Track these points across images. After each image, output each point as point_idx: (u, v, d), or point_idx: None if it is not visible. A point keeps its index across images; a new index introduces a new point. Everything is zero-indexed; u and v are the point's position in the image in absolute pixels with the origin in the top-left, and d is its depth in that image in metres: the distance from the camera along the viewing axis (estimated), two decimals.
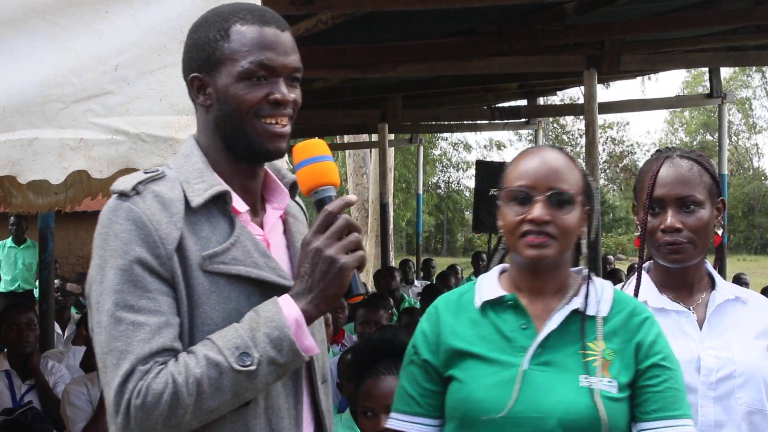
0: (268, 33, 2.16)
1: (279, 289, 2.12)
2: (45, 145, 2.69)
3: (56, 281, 8.38)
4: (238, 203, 2.18)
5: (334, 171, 2.19)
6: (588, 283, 2.38)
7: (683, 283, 2.74)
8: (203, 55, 2.17)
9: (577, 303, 2.36)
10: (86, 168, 2.74)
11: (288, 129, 2.19)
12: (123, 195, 2.07)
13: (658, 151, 2.86)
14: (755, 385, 2.63)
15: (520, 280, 2.41)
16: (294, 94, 2.19)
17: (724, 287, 2.78)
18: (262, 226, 2.27)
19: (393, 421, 2.46)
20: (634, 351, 2.34)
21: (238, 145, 2.18)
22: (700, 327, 2.67)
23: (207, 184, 2.13)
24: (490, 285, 2.45)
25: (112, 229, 2.04)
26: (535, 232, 2.31)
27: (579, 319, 2.34)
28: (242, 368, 1.97)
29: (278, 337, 2.01)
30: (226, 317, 2.06)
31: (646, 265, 2.84)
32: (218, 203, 2.14)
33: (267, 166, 2.32)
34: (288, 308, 2.05)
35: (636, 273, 2.80)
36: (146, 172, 2.13)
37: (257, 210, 2.27)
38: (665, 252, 2.70)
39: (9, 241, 12.69)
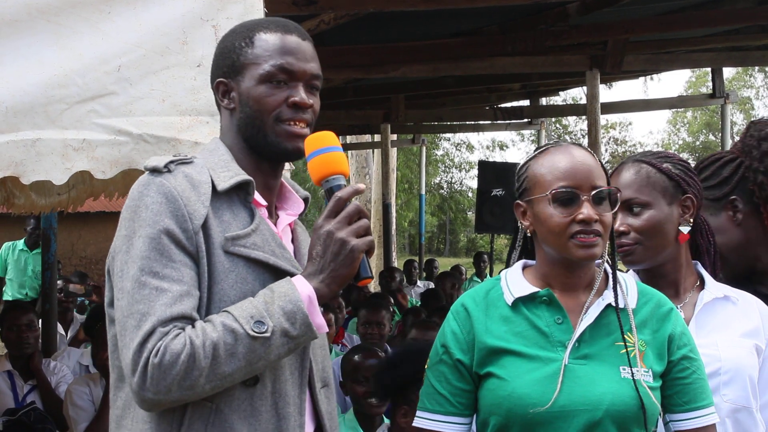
0: (289, 40, 2.30)
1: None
2: (48, 146, 2.69)
3: (59, 282, 8.37)
4: (259, 198, 2.30)
5: (343, 161, 2.27)
6: (615, 276, 2.42)
7: (666, 283, 2.78)
8: (228, 62, 2.30)
9: (609, 297, 2.41)
10: (89, 168, 2.74)
11: (307, 131, 2.30)
12: (155, 171, 2.17)
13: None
14: (741, 383, 2.67)
15: (553, 276, 2.44)
16: (312, 100, 2.31)
17: (714, 287, 2.81)
18: (275, 226, 2.36)
19: (424, 420, 2.48)
20: (667, 341, 2.42)
21: (260, 145, 2.30)
22: (687, 325, 2.69)
23: (232, 172, 2.25)
24: (518, 281, 2.48)
25: (143, 201, 2.13)
26: (585, 232, 2.34)
27: (610, 311, 2.40)
28: (257, 334, 2.05)
29: (292, 310, 2.10)
30: (241, 296, 2.15)
31: None
32: (240, 193, 2.25)
33: (285, 180, 2.43)
34: (301, 286, 2.14)
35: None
36: (176, 156, 2.24)
37: (272, 212, 2.38)
38: (620, 255, 2.75)
39: (21, 244, 11.57)
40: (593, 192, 2.35)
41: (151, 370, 1.99)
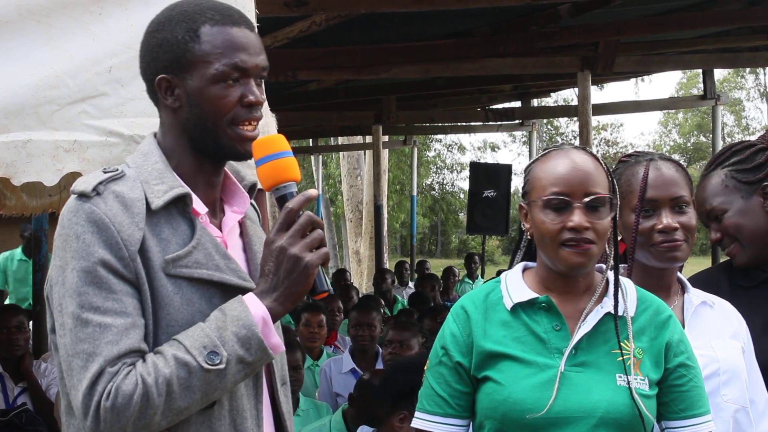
0: (239, 34, 2.15)
1: (240, 292, 2.12)
2: (39, 147, 2.68)
3: None
4: (198, 205, 2.17)
5: (294, 167, 2.18)
6: (617, 284, 2.40)
7: (662, 286, 2.77)
8: (171, 56, 2.14)
9: (608, 304, 2.39)
10: (80, 170, 2.73)
11: (257, 132, 2.19)
12: (83, 196, 2.04)
13: (632, 155, 2.89)
14: (738, 383, 2.68)
15: (551, 281, 2.43)
16: (262, 95, 2.19)
17: (695, 291, 2.82)
18: (220, 228, 2.26)
19: (422, 422, 2.47)
20: (664, 349, 2.41)
21: (207, 147, 2.18)
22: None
23: (167, 185, 2.12)
24: (517, 285, 2.46)
25: (73, 230, 2.01)
26: (576, 239, 2.32)
27: (608, 318, 2.38)
28: (211, 367, 1.97)
29: (246, 335, 2.01)
30: (189, 319, 2.06)
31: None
32: (178, 205, 2.13)
33: (227, 167, 2.31)
34: (254, 307, 2.05)
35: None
36: (105, 171, 2.11)
37: (216, 211, 2.26)
38: (662, 251, 2.72)
39: (19, 253, 10.48)
40: (586, 199, 2.33)
41: (103, 413, 1.91)
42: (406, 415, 3.60)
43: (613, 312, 2.38)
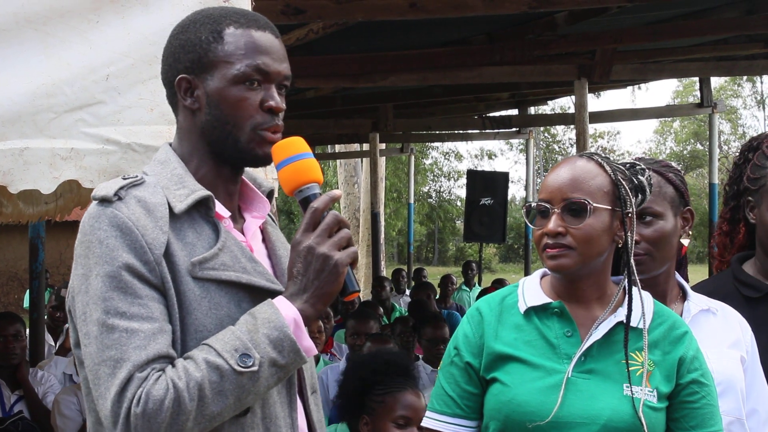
0: (263, 38, 2.12)
1: (269, 294, 2.07)
2: (36, 155, 2.68)
3: (53, 298, 8.31)
4: (221, 209, 2.13)
5: (316, 168, 2.13)
6: (631, 294, 2.38)
7: (654, 294, 2.71)
8: (193, 57, 2.11)
9: (622, 314, 2.38)
10: (77, 178, 2.73)
11: (278, 137, 2.14)
12: (105, 201, 2.00)
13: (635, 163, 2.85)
14: (734, 395, 2.66)
15: (559, 287, 2.44)
16: (283, 103, 2.15)
17: (696, 298, 2.80)
18: (242, 233, 2.22)
19: (431, 421, 2.48)
20: (677, 364, 2.39)
21: (226, 150, 2.13)
22: None
23: (188, 189, 2.07)
24: (533, 290, 2.48)
25: (96, 236, 1.96)
26: (551, 244, 2.34)
27: (622, 328, 2.37)
28: (244, 369, 1.90)
29: (278, 337, 1.94)
30: (218, 324, 2.00)
31: None
32: (201, 209, 2.08)
33: (244, 175, 2.27)
34: (285, 309, 1.99)
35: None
36: (125, 178, 2.07)
37: (236, 218, 2.22)
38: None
39: None
40: (563, 204, 2.34)
41: (134, 420, 1.84)
42: (367, 419, 3.59)
43: (625, 321, 2.37)
